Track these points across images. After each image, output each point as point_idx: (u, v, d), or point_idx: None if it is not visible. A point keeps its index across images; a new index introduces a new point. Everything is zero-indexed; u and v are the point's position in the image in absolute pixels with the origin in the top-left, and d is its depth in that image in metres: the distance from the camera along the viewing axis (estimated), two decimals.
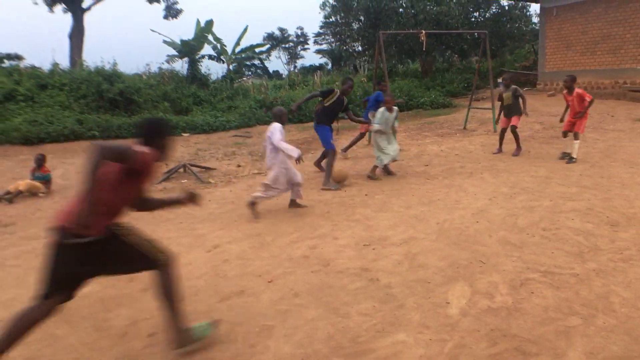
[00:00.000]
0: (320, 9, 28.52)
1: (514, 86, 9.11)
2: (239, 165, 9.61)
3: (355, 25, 26.42)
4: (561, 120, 8.81)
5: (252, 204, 5.93)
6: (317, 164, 8.57)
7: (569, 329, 3.04)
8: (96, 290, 4.10)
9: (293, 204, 6.25)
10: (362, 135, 10.01)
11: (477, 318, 3.25)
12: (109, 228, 2.75)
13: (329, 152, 7.31)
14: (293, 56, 72.45)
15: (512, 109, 9.03)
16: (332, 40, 51.03)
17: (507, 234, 4.84)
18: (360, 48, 30.11)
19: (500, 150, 9.26)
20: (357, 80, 24.01)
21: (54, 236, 2.63)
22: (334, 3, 27.08)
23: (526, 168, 7.81)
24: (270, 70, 56.58)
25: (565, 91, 8.39)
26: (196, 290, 3.99)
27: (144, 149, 2.70)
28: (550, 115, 13.35)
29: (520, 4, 24.12)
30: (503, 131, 9.22)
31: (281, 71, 59.30)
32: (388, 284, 3.85)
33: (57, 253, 2.65)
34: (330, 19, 27.48)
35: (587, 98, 8.07)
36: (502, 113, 9.31)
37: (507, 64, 27.39)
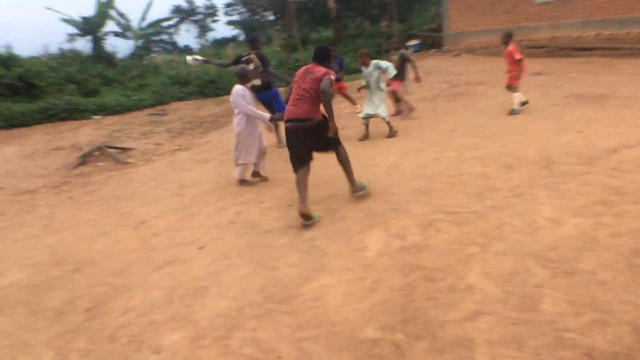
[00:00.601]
0: None
1: (401, 50, 9.31)
2: (157, 144, 9.50)
3: None
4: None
5: (242, 181, 5.95)
6: None
7: (468, 256, 3.53)
8: (24, 277, 4.10)
9: (256, 174, 6.11)
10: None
11: (392, 257, 3.66)
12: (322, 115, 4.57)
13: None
14: (203, 29, 70.09)
15: (397, 74, 8.66)
16: (243, 10, 49.95)
17: (417, 183, 5.32)
18: (272, 18, 29.89)
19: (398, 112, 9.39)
20: (270, 50, 23.95)
21: (292, 125, 4.52)
22: None
23: (434, 124, 8.39)
24: (181, 45, 54.49)
25: (503, 45, 8.96)
26: (128, 264, 4.11)
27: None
28: (456, 74, 14.18)
29: None
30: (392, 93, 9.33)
31: (192, 45, 57.25)
32: (312, 237, 4.18)
33: (297, 135, 4.55)
34: None
35: (516, 56, 8.56)
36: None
37: (416, 27, 28.39)
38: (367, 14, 26.37)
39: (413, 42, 22.87)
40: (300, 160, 4.64)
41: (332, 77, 4.56)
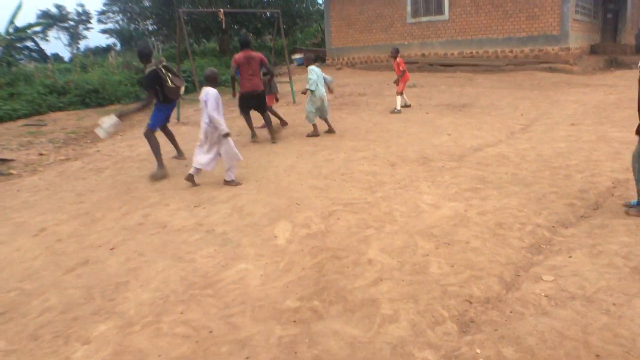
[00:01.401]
0: None
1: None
2: (41, 154, 8.96)
3: (146, 3, 25.36)
4: (395, 82, 10.92)
5: (191, 177, 5.91)
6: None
7: (366, 237, 4.05)
8: None
9: (190, 178, 5.94)
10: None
11: (300, 242, 4.06)
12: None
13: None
14: (75, 37, 65.47)
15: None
16: (119, 18, 47.61)
17: (314, 181, 5.81)
18: (154, 27, 29.04)
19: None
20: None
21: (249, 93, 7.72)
22: None
23: (322, 131, 9.00)
24: (49, 53, 50.40)
25: (392, 59, 10.80)
26: (36, 268, 4.03)
27: None
28: (340, 86, 15.09)
29: None
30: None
31: (61, 54, 53.26)
32: (223, 232, 4.44)
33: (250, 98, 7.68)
34: None
35: (402, 67, 10.54)
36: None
37: (299, 41, 29.48)
38: (251, 27, 26.82)
39: (297, 55, 23.77)
40: (248, 110, 8.16)
41: None
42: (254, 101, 8.05)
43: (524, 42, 16.17)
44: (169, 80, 6.48)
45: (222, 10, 11.15)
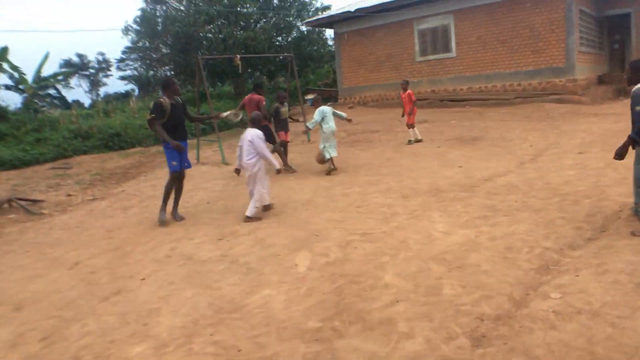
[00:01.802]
0: (123, 33, 27.90)
1: (276, 104, 10.08)
2: (69, 195, 9.39)
3: (164, 50, 26.46)
4: (402, 115, 11.68)
5: (250, 218, 6.12)
6: None
7: (382, 263, 4.27)
8: None
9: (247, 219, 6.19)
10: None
11: (320, 270, 4.30)
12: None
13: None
14: (95, 83, 67.86)
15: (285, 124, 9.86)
16: (137, 65, 49.40)
17: (331, 214, 6.07)
18: (171, 73, 30.19)
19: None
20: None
21: None
22: (137, 28, 26.76)
23: (337, 167, 9.32)
24: (70, 99, 52.19)
25: (401, 91, 11.39)
26: (72, 298, 4.31)
27: None
28: (352, 124, 15.51)
29: (317, 30, 26.99)
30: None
31: (82, 100, 55.15)
32: (246, 262, 4.69)
33: None
34: (139, 44, 26.96)
35: (413, 98, 11.24)
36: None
37: (311, 82, 30.30)
38: (265, 70, 27.76)
39: (310, 96, 24.46)
40: None
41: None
42: None
43: (531, 75, 16.54)
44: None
45: (238, 55, 11.74)
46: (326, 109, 8.71)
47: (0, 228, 7.22)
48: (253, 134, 6.21)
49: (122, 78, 58.65)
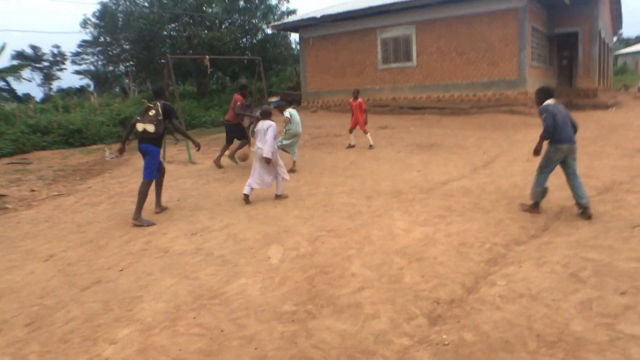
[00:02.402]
0: (81, 27, 27.24)
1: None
2: (32, 190, 9.32)
3: (125, 46, 26.08)
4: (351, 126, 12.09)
5: (280, 196, 7.20)
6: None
7: (349, 256, 4.66)
8: None
9: (277, 197, 7.21)
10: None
11: (291, 261, 4.64)
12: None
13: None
14: (48, 77, 65.58)
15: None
16: (94, 60, 48.13)
17: (299, 212, 6.42)
18: (132, 69, 29.77)
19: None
20: (134, 101, 23.93)
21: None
22: (97, 22, 26.24)
23: (304, 168, 9.68)
24: (19, 93, 50.37)
25: (352, 99, 11.82)
26: (52, 287, 4.47)
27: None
28: (316, 128, 15.92)
29: (281, 33, 27.30)
30: None
31: (32, 93, 53.28)
32: (221, 255, 4.98)
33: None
34: (101, 39, 26.46)
35: (364, 107, 11.76)
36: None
37: (275, 85, 30.56)
38: (228, 71, 27.83)
39: (273, 98, 24.74)
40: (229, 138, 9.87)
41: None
42: (229, 129, 10.17)
43: (486, 87, 17.43)
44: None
45: (207, 56, 11.91)
46: (293, 111, 9.10)
47: None
48: (268, 125, 6.98)
49: (78, 72, 56.90)
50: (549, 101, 5.87)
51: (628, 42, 61.13)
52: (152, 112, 6.55)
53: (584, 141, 10.77)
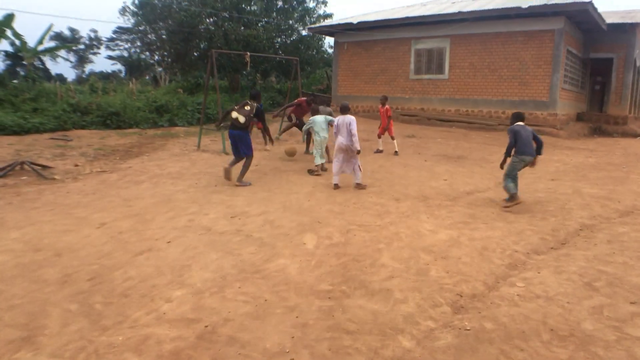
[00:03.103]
0: (120, 13, 28.05)
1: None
2: (76, 165, 9.90)
3: (164, 36, 26.83)
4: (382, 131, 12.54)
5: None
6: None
7: (379, 249, 5.03)
8: (7, 259, 4.71)
9: (358, 186, 8.05)
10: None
11: (325, 248, 5.03)
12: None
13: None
14: (83, 59, 67.27)
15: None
16: (127, 47, 49.21)
17: (331, 206, 6.80)
18: (167, 59, 30.53)
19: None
20: (164, 90, 24.65)
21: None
22: (135, 10, 26.98)
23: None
24: (53, 73, 51.82)
25: (380, 106, 12.30)
26: (108, 251, 4.94)
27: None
28: None
29: (316, 36, 27.79)
30: None
31: (65, 74, 54.67)
32: (260, 237, 5.39)
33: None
34: (140, 27, 27.28)
35: (389, 114, 12.12)
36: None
37: (305, 86, 31.07)
38: (260, 69, 28.39)
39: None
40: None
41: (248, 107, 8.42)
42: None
43: (516, 105, 17.60)
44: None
45: (248, 53, 12.41)
46: (318, 118, 9.40)
47: (17, 188, 7.73)
48: (349, 119, 7.87)
49: (110, 57, 58.17)
50: (519, 123, 7.09)
51: None
52: (247, 108, 8.15)
53: (610, 166, 10.98)
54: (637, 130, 19.02)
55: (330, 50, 30.91)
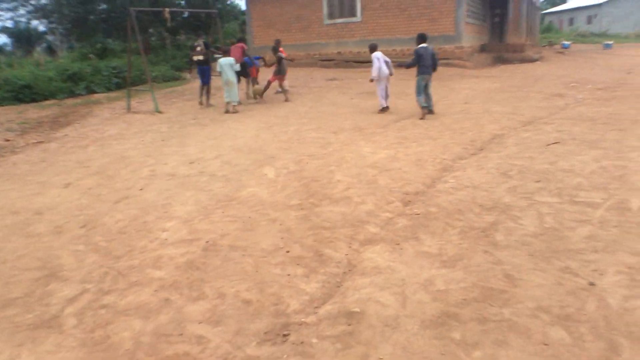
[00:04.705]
0: None
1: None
2: (7, 140, 9.69)
3: (63, 1, 25.15)
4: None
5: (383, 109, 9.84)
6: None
7: (331, 170, 5.79)
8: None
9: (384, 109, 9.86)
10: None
11: (285, 176, 5.72)
12: None
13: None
14: None
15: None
16: (11, 16, 45.08)
17: (279, 144, 7.45)
18: (66, 26, 28.62)
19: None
20: (72, 58, 23.43)
21: None
22: None
23: (265, 112, 10.62)
24: None
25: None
26: (85, 204, 5.31)
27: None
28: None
29: None
30: None
31: None
32: (224, 175, 5.97)
33: None
34: None
35: (283, 55, 13.20)
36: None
37: (218, 39, 30.53)
38: (169, 27, 27.51)
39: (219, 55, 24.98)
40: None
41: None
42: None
43: (426, 41, 18.78)
44: None
45: (167, 9, 12.32)
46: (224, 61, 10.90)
47: None
48: (382, 56, 9.97)
49: None
50: (422, 45, 9.03)
51: (554, 2, 64.88)
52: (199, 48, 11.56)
53: (512, 88, 12.40)
54: (533, 56, 20.97)
55: (241, 2, 30.48)
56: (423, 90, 9.01)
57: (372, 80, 9.98)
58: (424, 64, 8.70)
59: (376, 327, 2.74)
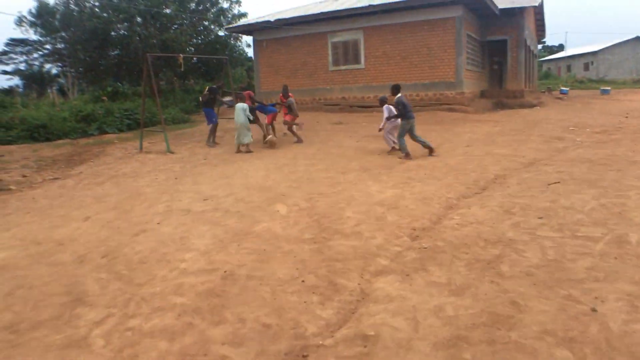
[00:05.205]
0: (16, 24, 26.72)
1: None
2: (24, 176, 10.01)
3: (79, 47, 26.09)
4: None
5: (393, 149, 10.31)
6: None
7: (341, 208, 6.03)
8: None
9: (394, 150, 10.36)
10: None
11: (297, 212, 5.96)
12: None
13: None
14: None
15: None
16: (24, 59, 46.44)
17: (289, 183, 7.72)
18: (79, 69, 29.57)
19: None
20: (84, 100, 24.15)
21: None
22: (33, 20, 25.88)
23: (276, 154, 10.96)
24: None
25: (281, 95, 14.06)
26: (105, 237, 5.53)
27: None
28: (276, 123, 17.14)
29: (232, 35, 28.30)
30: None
31: None
32: (238, 211, 6.20)
33: None
34: (41, 37, 26.25)
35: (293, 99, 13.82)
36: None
37: (226, 85, 31.45)
38: (178, 71, 28.41)
39: (227, 98, 25.72)
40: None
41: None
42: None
43: (428, 88, 19.39)
44: None
45: (181, 55, 12.92)
46: (239, 105, 11.56)
47: None
48: (388, 107, 10.32)
49: (5, 72, 54.41)
50: (399, 95, 9.75)
51: (552, 50, 66.85)
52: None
53: (513, 132, 12.77)
54: (532, 102, 21.56)
55: (247, 49, 31.60)
56: (410, 133, 9.79)
57: (380, 130, 10.85)
58: (408, 110, 9.58)
59: (391, 348, 2.92)
